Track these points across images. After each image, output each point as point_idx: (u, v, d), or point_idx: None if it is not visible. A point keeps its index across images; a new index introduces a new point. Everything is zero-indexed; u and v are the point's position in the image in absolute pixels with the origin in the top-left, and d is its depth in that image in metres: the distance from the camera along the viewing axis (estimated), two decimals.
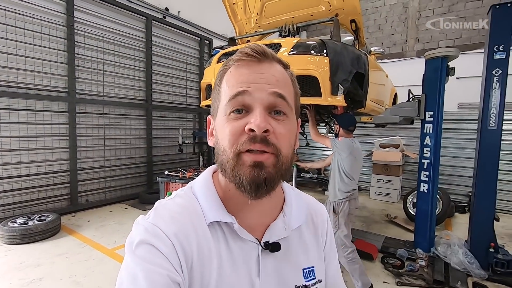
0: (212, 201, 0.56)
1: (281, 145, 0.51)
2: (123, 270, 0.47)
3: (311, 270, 0.62)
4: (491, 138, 2.99)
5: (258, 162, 0.49)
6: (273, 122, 0.51)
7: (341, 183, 2.74)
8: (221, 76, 0.56)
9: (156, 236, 0.49)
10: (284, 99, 0.52)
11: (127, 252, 0.49)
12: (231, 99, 0.52)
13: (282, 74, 0.55)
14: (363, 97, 2.83)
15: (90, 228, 4.06)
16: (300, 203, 0.66)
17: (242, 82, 0.52)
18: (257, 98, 0.51)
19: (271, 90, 0.51)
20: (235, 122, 0.51)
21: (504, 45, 2.87)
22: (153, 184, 5.97)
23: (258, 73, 0.52)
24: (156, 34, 5.98)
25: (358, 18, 2.95)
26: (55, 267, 2.95)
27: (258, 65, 0.53)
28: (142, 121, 5.88)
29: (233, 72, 0.54)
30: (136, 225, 0.52)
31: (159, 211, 0.54)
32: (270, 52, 0.54)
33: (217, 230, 0.55)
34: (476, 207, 3.13)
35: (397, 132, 6.28)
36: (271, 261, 0.56)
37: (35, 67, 4.28)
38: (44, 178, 4.50)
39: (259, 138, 0.49)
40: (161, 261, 0.47)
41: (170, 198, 0.59)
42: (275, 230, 0.58)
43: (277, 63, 0.56)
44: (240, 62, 0.54)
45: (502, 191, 5.00)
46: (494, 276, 2.85)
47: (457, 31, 6.55)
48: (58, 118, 4.60)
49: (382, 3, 7.52)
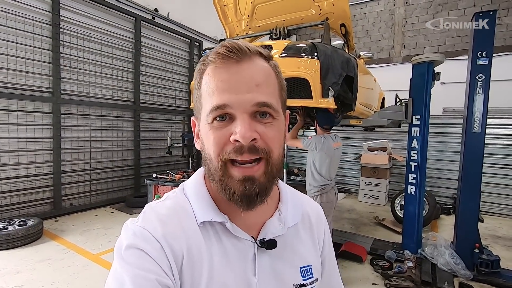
0: (203, 201, 0.55)
1: (271, 149, 0.50)
2: (111, 275, 0.46)
3: (308, 268, 0.61)
4: (476, 141, 3.07)
5: (248, 176, 0.48)
6: (260, 126, 0.49)
7: (311, 178, 2.92)
8: (200, 77, 0.53)
9: (145, 239, 0.48)
10: (269, 106, 0.49)
11: (115, 257, 0.48)
12: (212, 111, 0.49)
13: (264, 71, 0.51)
14: (353, 100, 2.87)
15: (74, 233, 3.93)
16: (296, 201, 0.65)
17: (221, 90, 0.48)
18: (240, 109, 0.48)
19: (254, 101, 0.48)
20: (219, 131, 0.49)
21: (487, 51, 2.97)
22: (141, 187, 5.84)
23: (237, 78, 0.49)
24: (145, 35, 5.89)
25: (348, 22, 3.00)
26: (36, 274, 2.82)
27: (236, 65, 0.49)
28: (130, 123, 5.77)
29: (211, 75, 0.50)
30: (125, 229, 0.51)
31: (148, 214, 0.53)
32: (246, 48, 0.50)
33: (209, 230, 0.53)
34: (461, 208, 3.20)
35: (385, 136, 6.40)
36: (268, 259, 0.55)
37: (17, 66, 4.13)
38: (26, 181, 4.32)
39: (246, 147, 0.47)
40: (149, 265, 0.46)
41: (161, 200, 0.57)
42: (271, 228, 0.57)
43: (257, 57, 0.52)
44: (216, 64, 0.50)
45: (486, 193, 5.15)
46: (479, 276, 2.91)
47: (442, 38, 6.77)
48: (42, 119, 4.45)
49: (370, 10, 7.69)
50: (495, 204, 5.39)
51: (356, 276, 3.01)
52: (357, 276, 3.00)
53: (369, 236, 3.98)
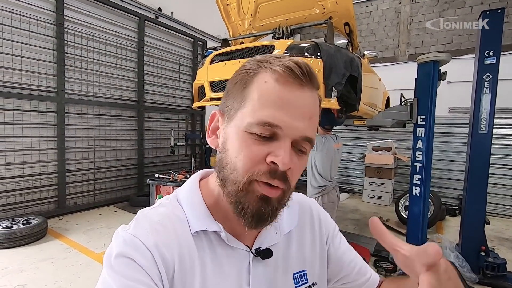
0: (198, 210, 0.54)
1: (293, 181, 0.50)
2: (99, 284, 0.45)
3: (302, 274, 0.60)
4: (482, 142, 3.01)
5: (267, 197, 0.47)
6: (295, 158, 0.48)
7: (312, 179, 2.89)
8: (250, 78, 0.49)
9: (135, 248, 0.46)
10: (311, 142, 0.49)
11: (104, 265, 0.46)
12: (259, 124, 0.46)
13: (316, 106, 0.50)
14: (357, 100, 2.83)
15: (78, 232, 3.95)
16: (292, 206, 0.63)
17: (278, 108, 0.46)
18: (288, 134, 0.47)
19: (304, 134, 0.47)
20: (256, 146, 0.46)
21: (495, 50, 2.90)
22: (144, 187, 5.86)
23: (297, 104, 0.47)
24: (149, 34, 5.90)
25: (352, 21, 2.96)
26: (39, 273, 2.85)
27: (300, 90, 0.47)
28: (133, 122, 5.79)
29: (269, 85, 0.47)
30: (116, 236, 0.49)
31: (140, 221, 0.51)
32: (315, 77, 0.49)
33: (203, 240, 0.52)
34: (467, 210, 3.15)
35: (389, 136, 6.34)
36: (262, 269, 0.55)
37: (22, 65, 4.16)
38: (31, 180, 4.36)
39: (280, 174, 0.46)
40: (139, 275, 0.44)
41: (154, 207, 0.56)
42: (267, 237, 0.56)
43: (316, 90, 0.50)
44: (280, 77, 0.47)
45: (492, 194, 5.07)
46: (485, 280, 2.86)
47: (448, 36, 6.66)
48: (46, 118, 4.48)
49: (374, 8, 7.60)
50: (502, 205, 5.30)
51: None
52: None
53: (373, 238, 3.92)
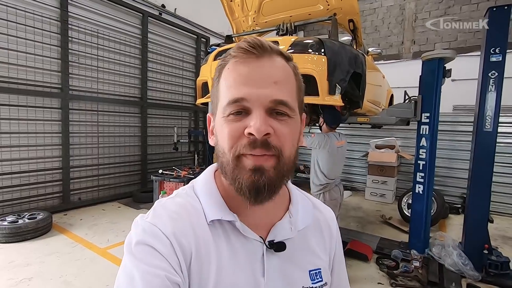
0: (213, 200, 0.55)
1: (283, 146, 0.49)
2: (121, 270, 0.47)
3: (317, 272, 0.60)
4: (487, 140, 2.99)
5: (259, 166, 0.48)
6: (275, 122, 0.49)
7: (314, 176, 2.91)
8: (219, 72, 0.53)
9: (154, 236, 0.48)
10: (285, 104, 0.49)
11: (125, 252, 0.48)
12: (229, 104, 0.49)
13: (284, 70, 0.52)
14: (360, 97, 2.83)
15: (82, 227, 3.99)
16: (307, 204, 0.64)
17: (240, 83, 0.49)
18: (257, 103, 0.48)
19: (272, 97, 0.48)
20: (233, 124, 0.49)
21: (501, 47, 2.87)
22: (147, 183, 5.90)
23: (257, 73, 0.49)
24: (152, 31, 5.91)
25: (356, 18, 2.94)
26: (45, 267, 2.89)
27: (256, 61, 0.50)
28: (137, 119, 5.81)
29: (231, 69, 0.51)
30: (135, 225, 0.51)
31: (157, 211, 0.53)
32: (268, 45, 0.51)
33: (218, 229, 0.53)
34: (470, 208, 3.14)
35: (393, 133, 6.31)
36: (276, 261, 0.55)
37: (27, 62, 4.19)
38: (36, 176, 4.41)
39: (260, 142, 0.47)
40: (159, 262, 0.46)
41: (170, 197, 0.58)
42: (281, 230, 0.57)
43: (277, 56, 0.52)
44: (237, 59, 0.50)
45: (496, 193, 5.04)
46: (488, 278, 2.86)
47: (453, 33, 6.60)
48: (51, 114, 4.52)
49: (379, 5, 7.54)
50: (506, 204, 5.27)
51: (361, 275, 2.98)
52: (362, 275, 2.98)
53: (375, 235, 3.94)
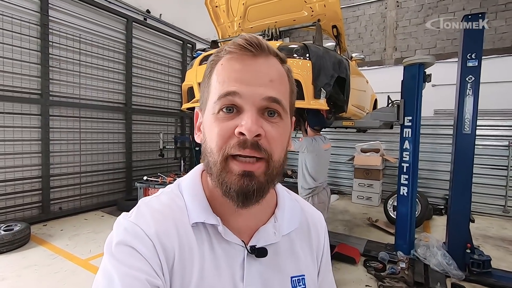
0: (198, 201, 0.53)
1: (273, 150, 0.48)
2: (100, 272, 0.45)
3: (300, 278, 0.58)
4: (466, 142, 3.09)
5: (248, 172, 0.46)
6: (266, 124, 0.48)
7: (303, 181, 2.91)
8: (212, 68, 0.51)
9: (136, 236, 0.46)
10: (279, 103, 0.48)
11: (105, 252, 0.46)
12: (220, 97, 0.47)
13: (278, 71, 0.51)
14: (345, 101, 2.87)
15: (63, 238, 3.83)
16: (295, 207, 0.62)
17: (233, 79, 0.47)
18: (249, 101, 0.47)
19: (265, 95, 0.47)
20: (224, 123, 0.47)
21: (476, 53, 3.00)
22: (132, 191, 5.74)
23: (251, 70, 0.48)
24: (137, 36, 5.84)
25: (339, 24, 3.01)
26: (21, 281, 2.74)
27: (252, 59, 0.48)
28: (121, 125, 5.68)
29: (224, 65, 0.49)
30: (117, 224, 0.49)
31: (141, 210, 0.51)
32: (266, 45, 0.49)
33: (202, 231, 0.52)
34: (452, 209, 3.22)
35: (377, 137, 6.44)
36: (257, 267, 0.53)
37: (4, 67, 4.03)
38: (13, 185, 4.21)
39: (250, 143, 0.46)
40: (140, 264, 0.44)
41: (156, 195, 0.55)
42: (264, 235, 0.55)
43: (273, 57, 0.51)
44: (232, 55, 0.49)
45: (476, 193, 5.21)
46: (471, 277, 2.92)
47: (432, 41, 6.86)
48: (30, 121, 4.35)
49: (362, 13, 7.76)
50: (485, 204, 5.45)
51: (349, 278, 2.99)
52: (350, 278, 2.98)
53: (362, 238, 3.98)
